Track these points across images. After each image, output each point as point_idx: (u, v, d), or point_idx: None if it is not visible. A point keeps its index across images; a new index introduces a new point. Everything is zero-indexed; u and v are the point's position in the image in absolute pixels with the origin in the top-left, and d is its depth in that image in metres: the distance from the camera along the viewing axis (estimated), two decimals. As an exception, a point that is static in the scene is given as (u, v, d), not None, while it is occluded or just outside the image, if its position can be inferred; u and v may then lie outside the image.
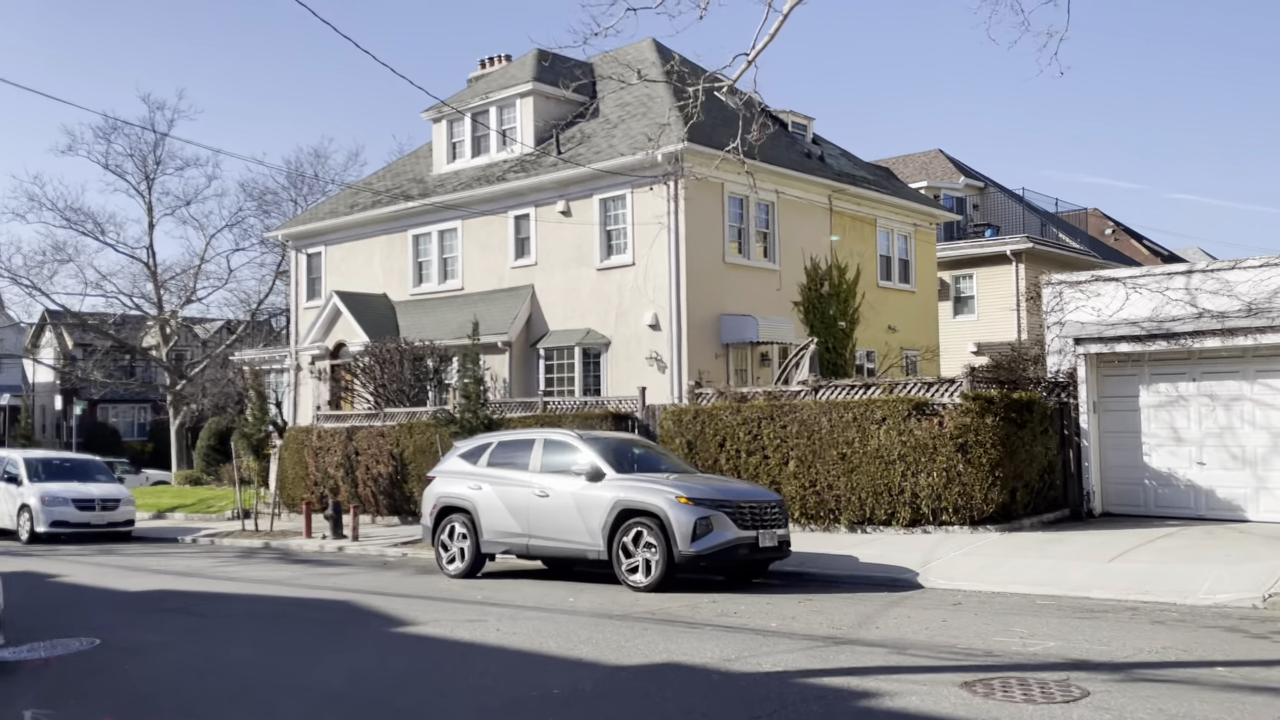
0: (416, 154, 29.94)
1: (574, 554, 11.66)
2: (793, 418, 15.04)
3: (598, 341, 22.48)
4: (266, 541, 19.10)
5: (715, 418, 15.93)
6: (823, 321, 24.27)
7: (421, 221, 26.33)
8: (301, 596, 11.40)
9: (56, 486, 20.82)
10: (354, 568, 14.70)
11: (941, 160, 39.05)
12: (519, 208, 24.20)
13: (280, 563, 15.89)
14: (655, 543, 10.80)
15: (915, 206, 27.58)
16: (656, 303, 21.52)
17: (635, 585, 10.91)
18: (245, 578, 13.64)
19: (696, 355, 21.27)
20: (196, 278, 36.75)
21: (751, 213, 22.89)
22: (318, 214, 29.59)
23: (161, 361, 36.06)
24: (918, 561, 11.90)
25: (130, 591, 12.40)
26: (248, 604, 10.99)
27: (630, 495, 11.14)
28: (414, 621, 9.34)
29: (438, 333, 24.33)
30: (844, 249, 25.22)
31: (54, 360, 44.89)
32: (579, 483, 11.61)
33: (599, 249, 22.64)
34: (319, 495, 22.26)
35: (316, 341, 26.74)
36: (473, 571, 12.63)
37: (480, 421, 16.85)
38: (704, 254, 21.57)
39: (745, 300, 22.35)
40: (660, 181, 21.35)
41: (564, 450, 12.13)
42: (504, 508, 12.26)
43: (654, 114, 23.15)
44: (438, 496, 13.10)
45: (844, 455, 14.43)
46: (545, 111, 25.40)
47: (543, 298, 23.70)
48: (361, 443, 21.73)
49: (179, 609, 10.75)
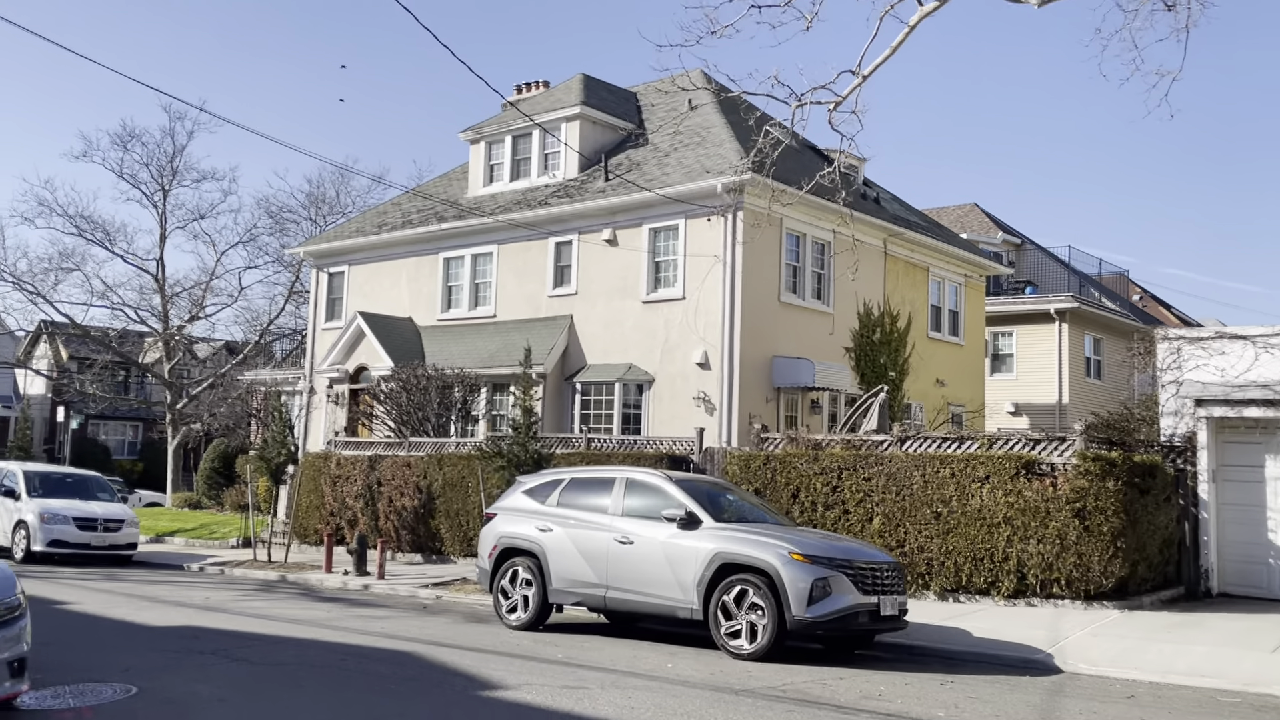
0: (449, 176, 28.91)
1: (661, 611, 10.34)
2: (879, 470, 13.81)
3: (640, 377, 21.27)
4: (283, 574, 17.66)
5: (789, 466, 14.69)
6: (873, 370, 23.15)
7: (454, 244, 25.21)
8: (354, 644, 10.02)
9: (57, 503, 19.35)
10: (391, 609, 13.31)
11: (978, 214, 38.31)
12: (561, 234, 23.10)
13: (306, 599, 14.47)
14: (763, 604, 9.50)
15: (967, 256, 26.65)
16: (707, 340, 20.36)
17: (737, 652, 9.59)
18: (276, 616, 12.24)
19: (747, 397, 20.07)
20: (206, 293, 35.46)
21: (808, 251, 21.86)
22: (343, 232, 28.45)
23: (164, 379, 34.63)
24: (1043, 640, 10.62)
25: (152, 626, 11.00)
26: (296, 650, 9.61)
27: (732, 547, 9.86)
28: (501, 685, 8.00)
29: (466, 361, 23.09)
30: (896, 296, 24.18)
31: (42, 375, 43.32)
32: (668, 530, 10.33)
33: (646, 280, 21.52)
34: (335, 527, 20.83)
35: (336, 364, 25.43)
36: (537, 623, 11.28)
37: (529, 456, 15.56)
38: (759, 291, 20.48)
39: (798, 343, 21.22)
40: (718, 213, 20.30)
41: (650, 492, 10.86)
42: (577, 553, 10.95)
43: (709, 143, 22.21)
44: (499, 536, 11.77)
45: (939, 514, 13.18)
46: (591, 137, 24.43)
47: (581, 329, 22.52)
48: (385, 473, 20.38)
49: (217, 651, 9.37)
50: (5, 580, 7.06)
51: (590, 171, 23.90)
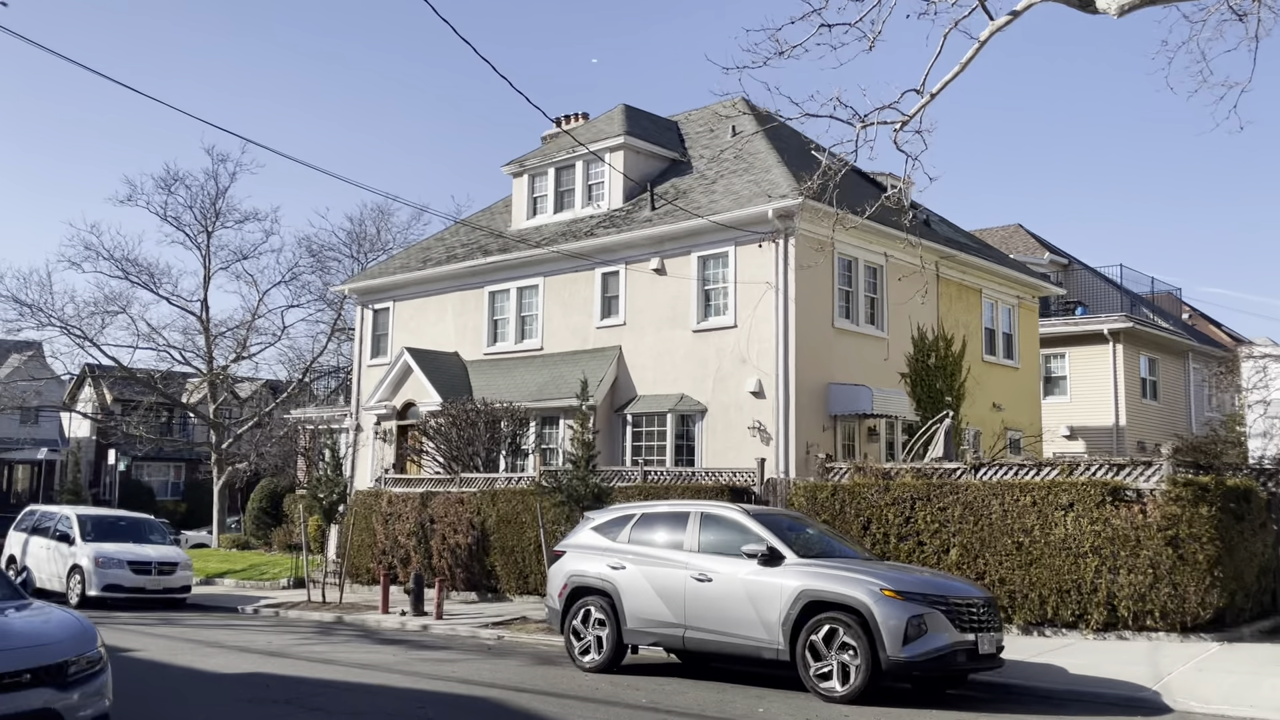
0: (491, 210, 28.90)
1: (744, 652, 9.94)
2: (954, 499, 13.35)
3: (692, 408, 20.93)
4: (339, 615, 17.41)
5: (858, 496, 14.26)
6: (929, 395, 22.66)
7: (499, 278, 25.10)
8: (429, 691, 9.71)
9: (111, 547, 19.26)
10: (456, 651, 12.99)
11: (1022, 235, 37.73)
12: (607, 265, 22.91)
13: (367, 642, 14.19)
14: (854, 644, 9.09)
15: (1019, 277, 26.15)
16: (761, 368, 20.01)
17: (828, 695, 9.16)
18: (342, 660, 11.96)
19: (804, 426, 19.66)
20: (249, 333, 35.64)
21: (860, 276, 21.49)
22: (387, 269, 28.47)
23: (209, 419, 34.74)
24: (1146, 676, 10.10)
25: (219, 674, 10.76)
26: (370, 698, 9.31)
27: (819, 584, 9.47)
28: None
29: (514, 394, 22.88)
30: (949, 320, 23.73)
31: (87, 416, 43.67)
32: (749, 566, 9.95)
33: (696, 309, 21.24)
34: (388, 565, 20.59)
35: (383, 401, 25.32)
36: (612, 665, 10.91)
37: (589, 490, 15.25)
38: (812, 317, 20.12)
39: (853, 369, 20.81)
40: (770, 239, 20.01)
41: (727, 527, 10.49)
42: (653, 592, 10.59)
43: (756, 169, 21.97)
44: (569, 575, 11.44)
45: (1020, 545, 12.69)
46: (635, 166, 24.29)
47: (630, 360, 22.24)
48: (437, 509, 20.13)
49: (291, 701, 9.09)
50: (85, 633, 6.84)
51: (635, 201, 23.76)
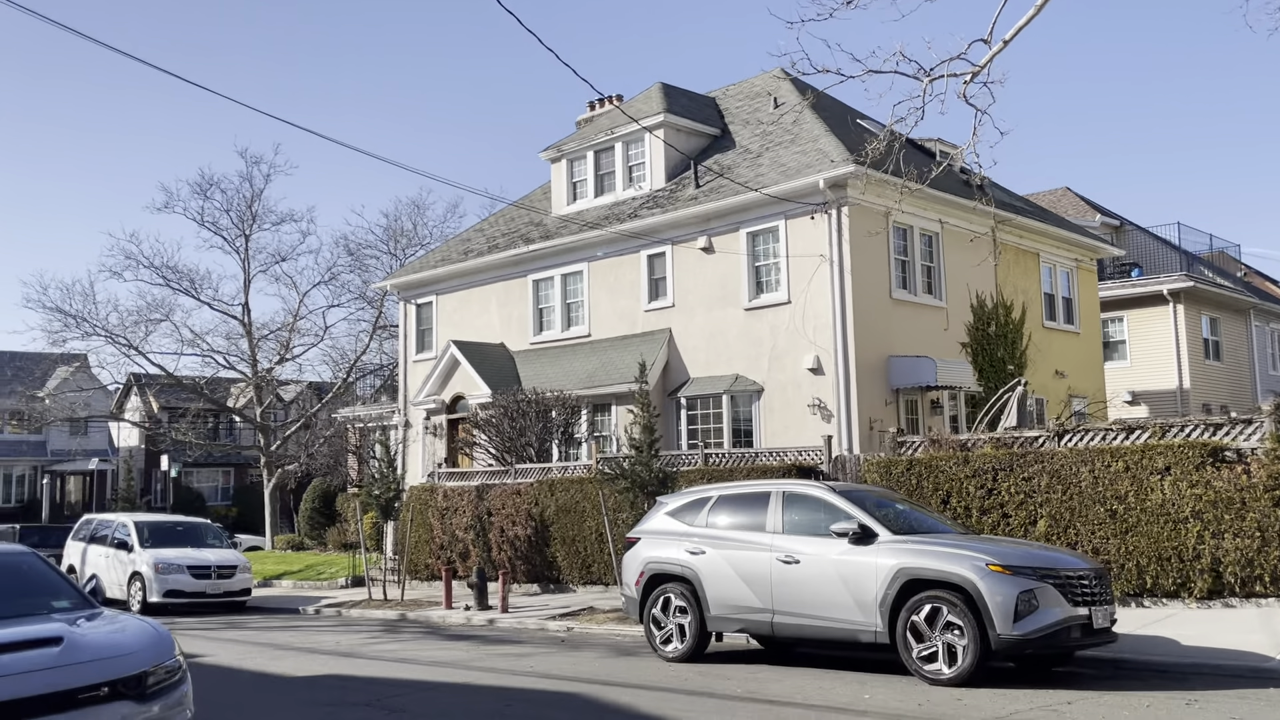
0: (530, 198, 28.49)
1: (837, 635, 9.45)
2: (1040, 468, 12.75)
3: (748, 388, 20.41)
4: (402, 613, 17.14)
5: (936, 470, 13.69)
6: (991, 364, 21.96)
7: (542, 266, 24.70)
8: (512, 688, 9.33)
9: (170, 553, 19.14)
10: (528, 645, 12.62)
11: (1071, 198, 36.69)
12: (653, 246, 22.42)
13: (435, 639, 13.88)
14: (960, 623, 8.56)
15: (1078, 239, 25.32)
16: (818, 344, 19.44)
17: (934, 677, 8.65)
18: (415, 659, 11.64)
19: (866, 401, 19.08)
20: (291, 335, 35.58)
21: (916, 244, 20.83)
22: (428, 262, 28.19)
23: (256, 422, 34.76)
24: (1268, 645, 9.50)
25: (292, 677, 10.46)
26: (453, 697, 8.95)
27: (917, 561, 8.94)
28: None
29: (564, 383, 22.50)
30: (1008, 286, 22.98)
31: (136, 424, 43.99)
32: (839, 546, 9.45)
33: (747, 287, 20.69)
34: (447, 560, 20.32)
35: (431, 395, 25.05)
36: (695, 653, 10.47)
37: (654, 476, 14.80)
38: (869, 289, 19.50)
39: (913, 341, 20.17)
40: (822, 210, 19.41)
41: (812, 505, 9.99)
42: (736, 577, 10.13)
43: (803, 140, 21.35)
44: (645, 562, 11.01)
45: (1114, 513, 12.07)
46: (676, 144, 23.74)
47: (681, 342, 21.75)
48: (494, 502, 19.82)
49: (372, 703, 8.75)
50: (162, 641, 6.50)
51: (678, 180, 23.23)
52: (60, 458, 46.50)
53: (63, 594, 7.38)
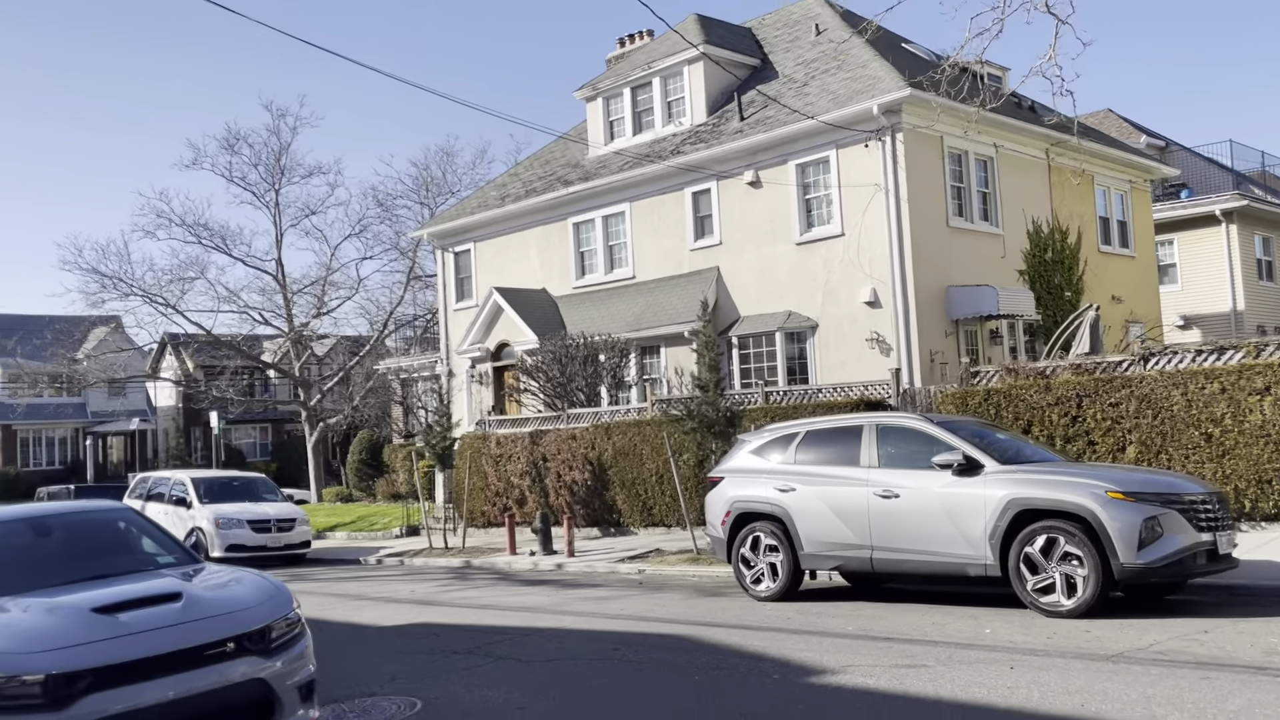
0: (564, 139, 27.89)
1: (943, 569, 9.19)
2: (1127, 393, 12.36)
3: (801, 324, 20.01)
4: (466, 560, 17.08)
5: (1016, 399, 13.32)
6: (1048, 291, 21.44)
7: (582, 208, 24.23)
8: (610, 631, 9.16)
9: (229, 508, 19.14)
10: (607, 589, 12.48)
11: (1114, 120, 35.62)
12: (697, 183, 21.89)
13: (509, 584, 13.78)
14: (1079, 553, 8.27)
15: (1132, 159, 24.57)
16: (874, 276, 18.97)
17: (1052, 609, 8.38)
18: (497, 604, 11.51)
19: (925, 333, 18.66)
20: (325, 288, 35.36)
21: (971, 170, 20.20)
22: (464, 209, 27.75)
23: (295, 377, 34.72)
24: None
25: (381, 626, 10.34)
26: (552, 642, 8.78)
27: (1030, 491, 8.63)
28: (822, 668, 6.98)
29: (609, 326, 22.18)
30: (1063, 211, 22.34)
31: (174, 383, 44.12)
32: (943, 478, 9.14)
33: (797, 220, 20.19)
34: (503, 507, 20.24)
35: (476, 343, 24.82)
36: (788, 592, 10.26)
37: (721, 415, 14.51)
38: (926, 217, 18.96)
39: (971, 270, 19.67)
40: (876, 137, 18.80)
41: (910, 438, 9.67)
42: (831, 513, 9.86)
43: (850, 66, 20.65)
44: (731, 501, 10.76)
45: (1209, 436, 11.70)
46: (716, 78, 23.08)
47: (730, 280, 21.33)
48: (549, 448, 19.64)
49: (470, 650, 8.59)
50: (280, 594, 6.29)
51: (720, 113, 22.61)
52: (100, 419, 46.85)
53: (166, 549, 7.19)
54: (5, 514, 7.26)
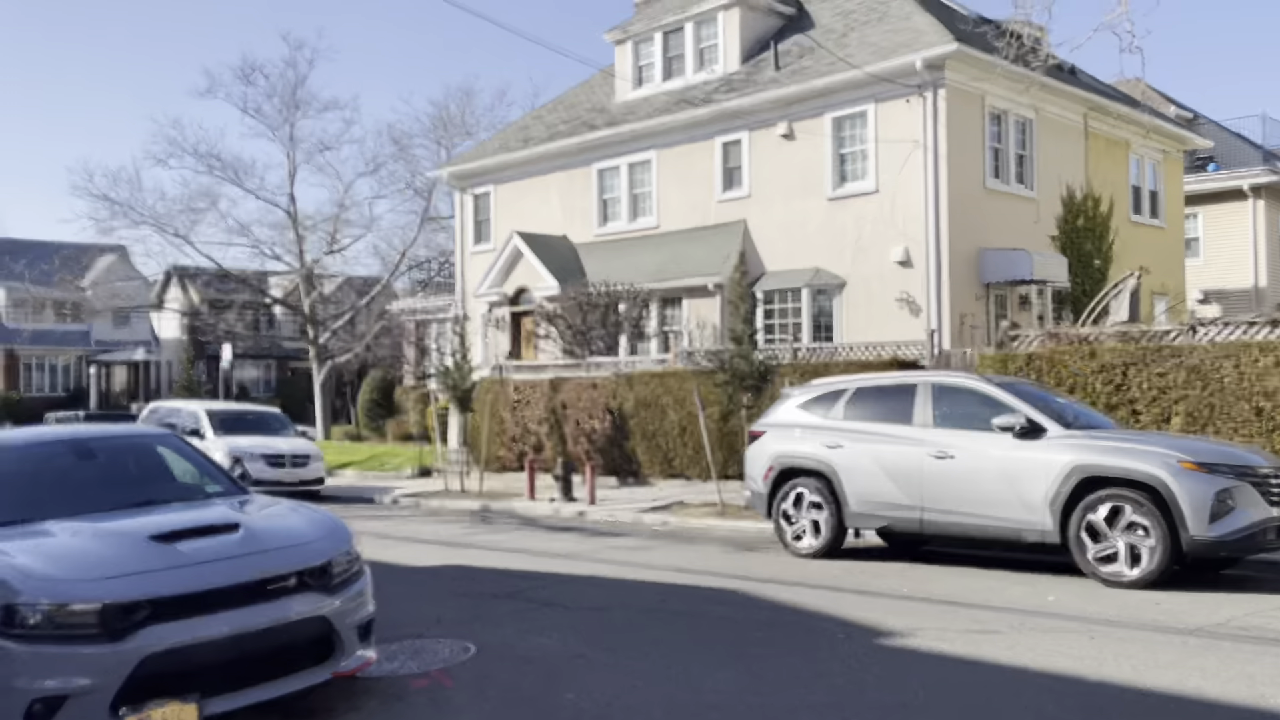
0: (590, 84, 27.29)
1: (999, 534, 8.98)
2: (1175, 363, 12.10)
3: (829, 282, 19.68)
4: (484, 504, 16.90)
5: (1058, 364, 13.06)
6: (1079, 259, 21.08)
7: (607, 154, 23.72)
8: (654, 581, 8.98)
9: (243, 441, 18.90)
10: (637, 539, 12.31)
11: (1143, 89, 34.94)
12: (728, 133, 21.40)
13: (533, 529, 13.61)
14: (1146, 523, 8.05)
15: (1170, 129, 24.16)
16: (908, 235, 18.61)
17: (1113, 579, 8.19)
18: (529, 549, 11.34)
19: (956, 296, 18.35)
20: (337, 226, 34.86)
21: (1010, 131, 19.75)
22: (485, 151, 27.22)
23: (305, 314, 34.35)
24: None
25: (415, 567, 10.16)
26: (596, 591, 8.61)
27: (1096, 458, 8.39)
28: (889, 630, 6.78)
29: (630, 275, 21.81)
30: (1097, 178, 21.91)
31: (179, 314, 43.74)
32: (1003, 441, 8.90)
33: (830, 176, 19.76)
34: (519, 453, 20.05)
35: (494, 287, 24.46)
36: (830, 550, 10.08)
37: (755, 369, 14.25)
38: (963, 178, 18.56)
39: (1005, 233, 19.30)
40: (918, 92, 18.31)
41: (968, 398, 9.42)
42: (880, 471, 9.64)
43: (892, 18, 20.09)
44: (774, 456, 10.53)
45: (1260, 410, 11.46)
46: (751, 25, 22.50)
47: (757, 234, 20.93)
48: (568, 395, 19.39)
49: (512, 595, 8.41)
50: (338, 529, 6.05)
51: (755, 62, 22.05)
52: (104, 348, 46.50)
53: (213, 478, 6.95)
54: (46, 435, 6.99)
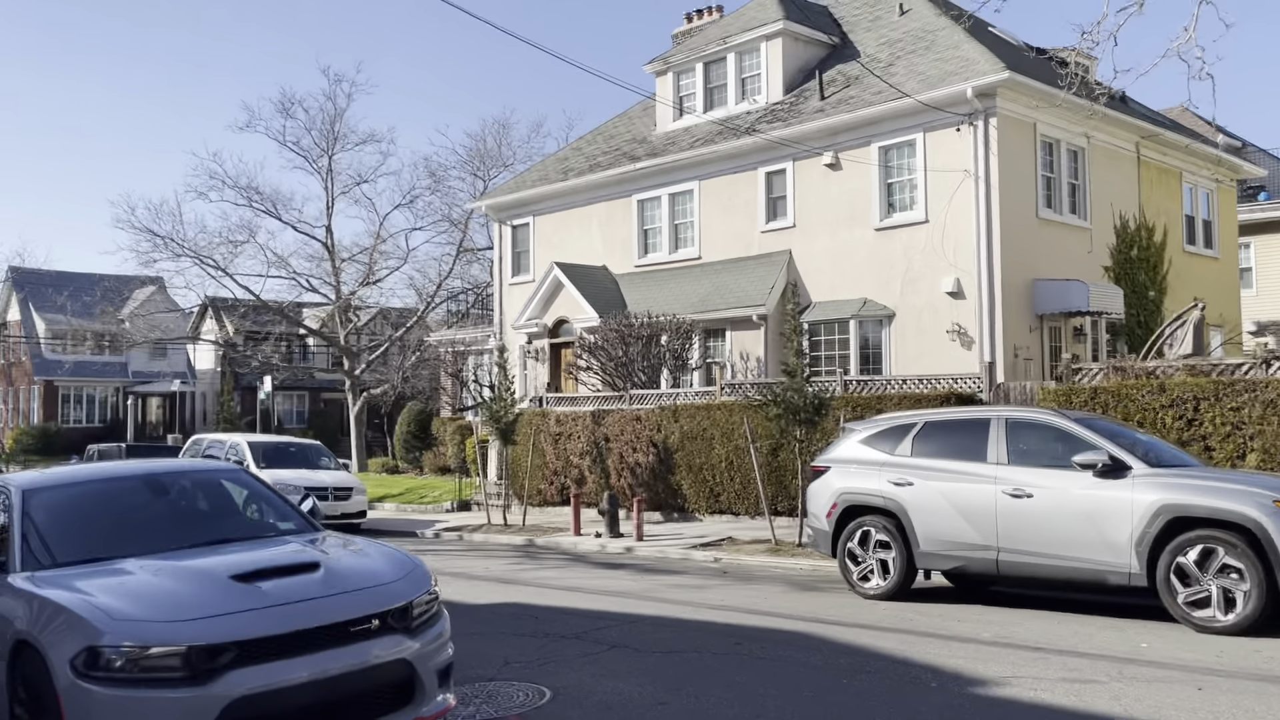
0: (629, 115, 27.35)
1: (1080, 576, 8.63)
2: (1250, 397, 11.72)
3: (877, 313, 19.40)
4: (529, 538, 16.67)
5: (1126, 398, 12.69)
6: (1133, 289, 20.69)
7: (648, 185, 23.66)
8: (722, 623, 8.68)
9: (287, 474, 18.81)
10: (692, 576, 12.02)
11: (1189, 117, 34.53)
12: (771, 163, 21.27)
13: (583, 565, 13.36)
14: (1240, 565, 7.70)
15: (1225, 157, 23.74)
16: (958, 266, 18.32)
17: (1204, 624, 7.82)
18: (586, 587, 11.08)
19: (1009, 327, 18.01)
20: (373, 258, 35.03)
21: (1062, 160, 19.47)
22: (524, 182, 27.26)
23: (340, 345, 34.46)
24: None
25: (475, 605, 9.92)
26: (663, 631, 8.33)
27: (1185, 498, 8.05)
28: (984, 679, 6.47)
29: (672, 307, 21.64)
30: (1150, 207, 21.56)
31: (215, 346, 44.06)
32: (1083, 479, 8.57)
33: (878, 205, 19.54)
34: (560, 486, 19.85)
35: (533, 319, 24.38)
36: (899, 591, 9.74)
37: (808, 402, 13.98)
38: (1016, 207, 18.28)
39: (1057, 264, 18.97)
40: (968, 121, 18.11)
41: (1044, 434, 9.11)
42: (953, 510, 9.32)
43: (940, 47, 19.93)
44: (838, 493, 10.24)
45: (1344, 446, 11.04)
46: (794, 55, 22.43)
47: (802, 264, 20.72)
48: (611, 428, 19.17)
49: (580, 636, 8.16)
50: (417, 569, 5.84)
51: (799, 92, 21.95)
52: (141, 379, 46.90)
53: (282, 514, 6.78)
54: (120, 470, 6.88)
